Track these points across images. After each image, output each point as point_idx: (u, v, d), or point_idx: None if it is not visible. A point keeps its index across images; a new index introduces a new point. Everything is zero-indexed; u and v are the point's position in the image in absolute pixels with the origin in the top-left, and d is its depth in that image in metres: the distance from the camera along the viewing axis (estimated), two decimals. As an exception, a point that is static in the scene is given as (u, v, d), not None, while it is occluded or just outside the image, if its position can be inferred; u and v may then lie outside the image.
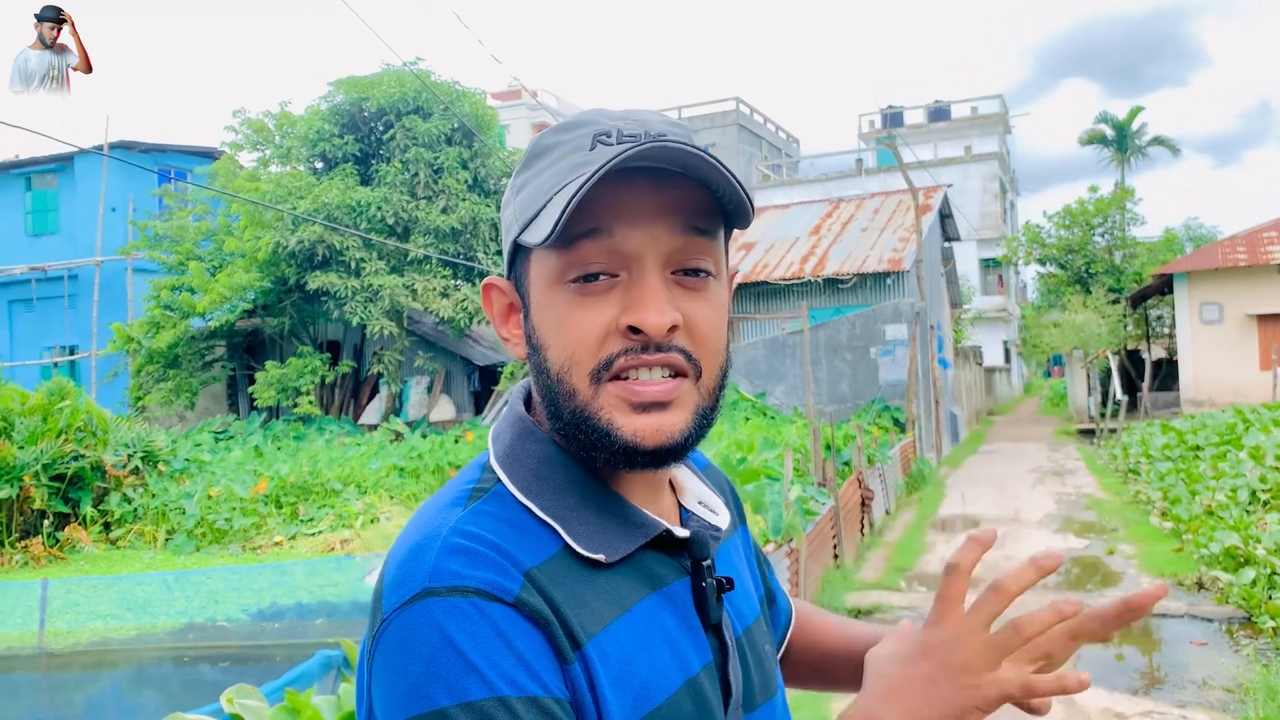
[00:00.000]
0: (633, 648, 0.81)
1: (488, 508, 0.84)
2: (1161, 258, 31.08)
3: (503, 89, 41.45)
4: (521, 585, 0.77)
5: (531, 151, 0.89)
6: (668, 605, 0.87)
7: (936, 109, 49.11)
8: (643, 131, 0.83)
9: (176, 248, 19.73)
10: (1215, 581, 8.39)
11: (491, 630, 0.74)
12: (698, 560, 0.90)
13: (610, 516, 0.86)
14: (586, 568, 0.83)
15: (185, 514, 13.66)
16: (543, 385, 0.87)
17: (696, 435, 0.85)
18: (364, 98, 19.02)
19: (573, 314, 0.83)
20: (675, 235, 0.83)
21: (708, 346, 0.85)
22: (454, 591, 0.75)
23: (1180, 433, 16.31)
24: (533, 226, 0.83)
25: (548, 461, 0.88)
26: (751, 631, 0.97)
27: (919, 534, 12.11)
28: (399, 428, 18.67)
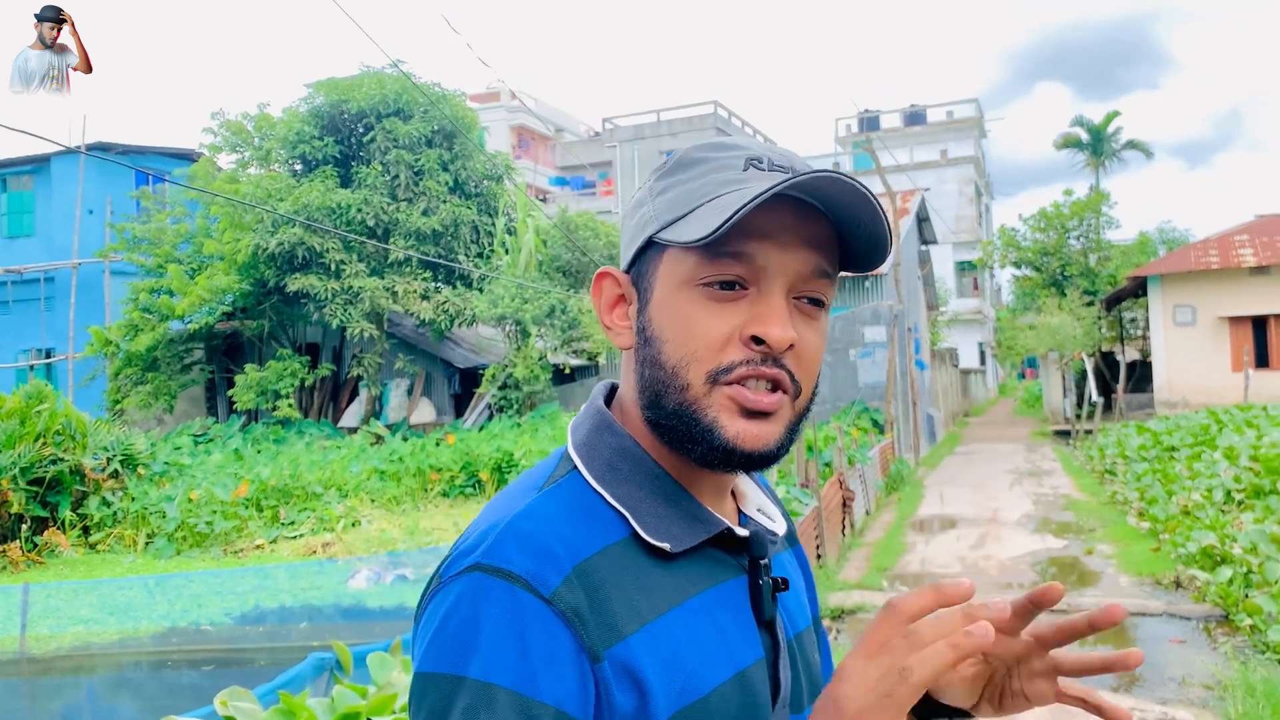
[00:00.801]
0: (684, 637, 0.86)
1: (561, 493, 0.90)
2: (1135, 260, 31.39)
3: (481, 91, 41.39)
4: (565, 579, 0.83)
5: (679, 162, 0.94)
6: (725, 600, 0.92)
7: (912, 113, 49.45)
8: (790, 166, 0.91)
9: (155, 250, 19.62)
10: (1193, 580, 8.52)
11: (513, 621, 0.80)
12: (755, 559, 0.95)
13: (677, 510, 0.92)
14: (650, 556, 0.89)
15: (165, 517, 13.59)
16: (650, 376, 0.92)
17: (786, 445, 0.92)
18: (344, 100, 18.99)
19: (700, 315, 0.89)
20: (809, 268, 0.90)
21: (809, 369, 0.92)
22: (499, 574, 0.82)
23: (1155, 434, 16.51)
24: (679, 226, 0.89)
25: (623, 453, 0.94)
26: (802, 638, 1.03)
27: (899, 534, 12.21)
28: (379, 431, 18.64)
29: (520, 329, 17.90)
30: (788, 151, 0.93)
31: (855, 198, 0.86)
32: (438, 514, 14.57)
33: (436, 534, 13.24)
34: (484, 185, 20.27)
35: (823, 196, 0.87)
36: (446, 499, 15.42)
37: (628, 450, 0.94)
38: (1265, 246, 24.48)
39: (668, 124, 35.84)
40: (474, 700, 0.78)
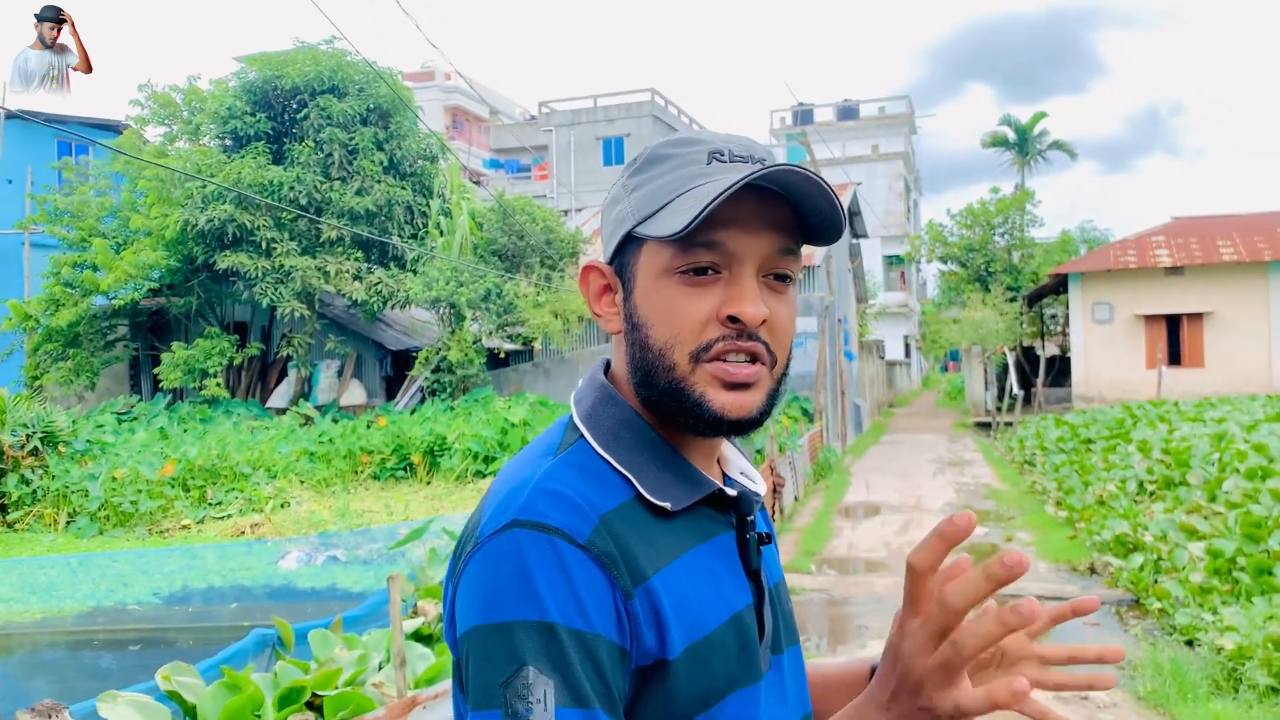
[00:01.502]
0: (688, 584, 0.97)
1: (573, 459, 1.01)
2: (1057, 258, 32.25)
3: (415, 69, 40.90)
4: (594, 529, 0.93)
5: (647, 159, 1.05)
6: (718, 552, 1.03)
7: (846, 108, 50.05)
8: (750, 155, 1.00)
9: (78, 223, 19.10)
10: (1106, 566, 8.88)
11: (559, 566, 0.90)
12: (742, 516, 1.07)
13: (675, 473, 1.03)
14: (653, 515, 0.99)
15: (88, 496, 13.33)
16: (640, 359, 1.02)
17: (768, 410, 1.03)
18: (277, 75, 18.66)
19: (680, 300, 0.98)
20: (773, 249, 1.00)
21: (782, 340, 1.02)
22: (537, 527, 0.91)
23: (1073, 427, 17.05)
24: (654, 221, 0.99)
25: (625, 423, 1.04)
26: (780, 587, 1.15)
27: (826, 520, 12.48)
28: (309, 412, 18.44)
29: (455, 312, 17.83)
30: (745, 140, 1.03)
31: (811, 186, 0.97)
32: (368, 496, 14.51)
33: (368, 516, 13.19)
34: (419, 165, 20.10)
35: (781, 182, 0.97)
36: (377, 481, 15.34)
37: (629, 420, 1.04)
38: (1180, 248, 25.35)
39: (604, 110, 35.80)
40: (541, 640, 0.88)
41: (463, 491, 14.17)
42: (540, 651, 0.88)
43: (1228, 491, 8.88)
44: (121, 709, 4.31)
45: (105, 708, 4.43)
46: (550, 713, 0.86)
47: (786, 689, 1.09)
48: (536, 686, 0.87)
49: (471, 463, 14.87)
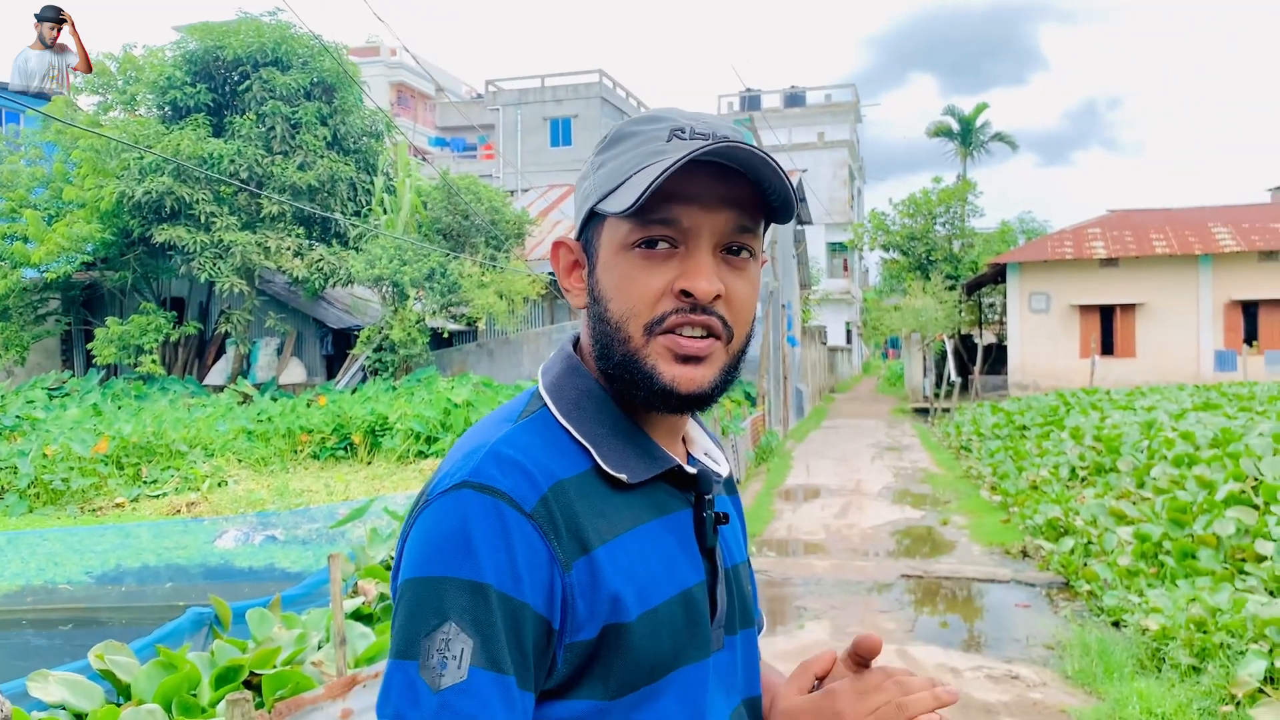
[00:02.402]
0: (638, 556, 0.99)
1: (534, 426, 1.03)
2: (996, 249, 32.79)
3: (360, 45, 40.30)
4: (542, 497, 0.95)
5: (613, 137, 1.06)
6: (673, 528, 1.05)
7: (792, 95, 50.29)
8: (712, 132, 1.02)
9: (8, 194, 18.56)
10: (1038, 550, 9.09)
11: (501, 530, 0.92)
12: (701, 494, 1.09)
13: (634, 447, 1.05)
14: (609, 486, 1.02)
15: (17, 473, 13.01)
16: (599, 331, 1.04)
17: (721, 388, 1.05)
18: (219, 45, 18.26)
19: (636, 274, 1.01)
20: (729, 226, 1.02)
21: (740, 315, 1.04)
22: (485, 490, 0.93)
23: (1009, 413, 17.38)
24: (613, 198, 1.01)
25: (588, 394, 1.06)
26: (738, 569, 1.16)
27: (768, 503, 12.61)
28: (247, 390, 18.16)
29: (398, 291, 17.65)
30: (711, 118, 1.05)
31: (758, 161, 0.99)
32: (308, 476, 14.34)
33: (307, 496, 13.04)
34: (363, 142, 19.82)
35: (737, 159, 0.99)
36: (317, 461, 15.17)
37: (592, 392, 1.06)
38: (1115, 240, 25.91)
39: (552, 90, 35.57)
40: (470, 598, 0.90)
41: (404, 472, 14.06)
42: (466, 610, 0.90)
43: (1155, 478, 9.14)
44: (53, 688, 4.23)
45: (36, 687, 4.35)
46: (464, 670, 0.88)
47: (737, 670, 1.12)
48: (455, 643, 0.89)
49: (414, 443, 14.75)
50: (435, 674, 0.89)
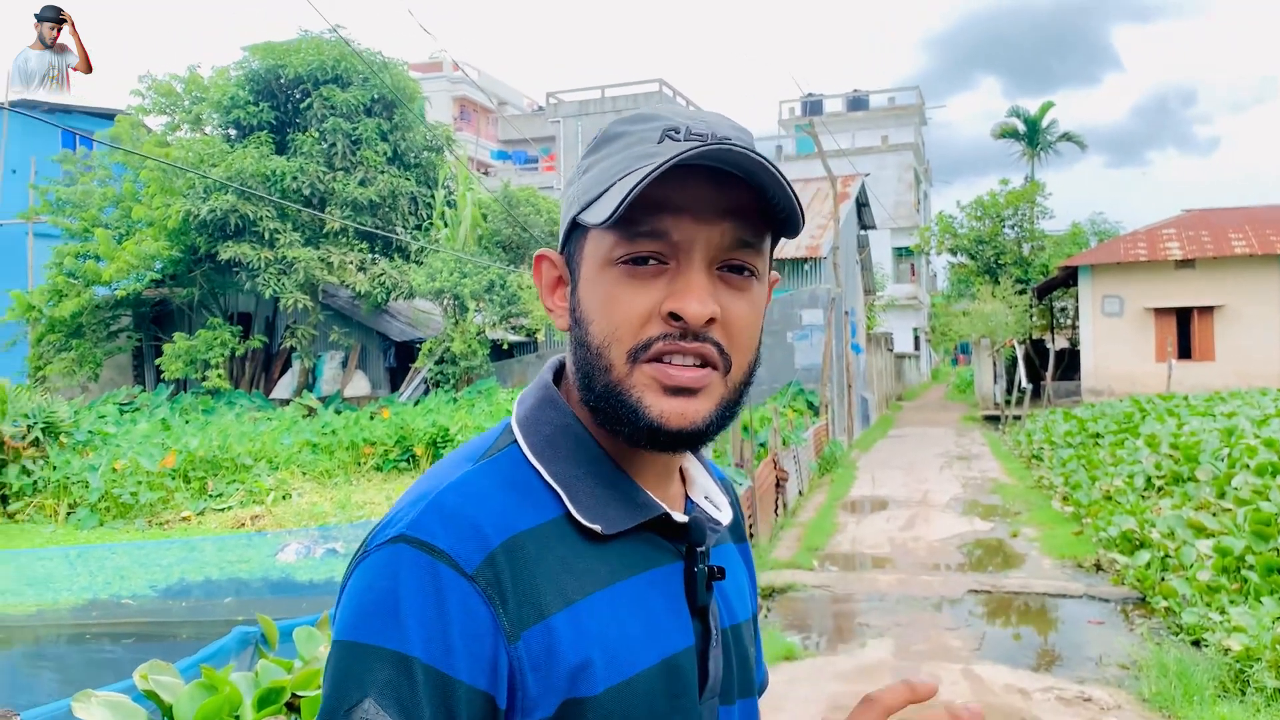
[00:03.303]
0: (610, 619, 0.85)
1: (497, 467, 0.89)
2: (1067, 251, 32.01)
3: (424, 61, 40.78)
4: (488, 556, 0.81)
5: (601, 137, 0.93)
6: (658, 585, 0.90)
7: (855, 98, 49.80)
8: (709, 133, 0.87)
9: (80, 214, 19.04)
10: (1112, 564, 8.74)
11: (435, 596, 0.79)
12: (693, 546, 0.93)
13: (615, 491, 0.90)
14: (582, 537, 0.87)
15: (88, 487, 13.27)
16: (581, 357, 0.90)
17: (718, 424, 0.89)
18: (281, 64, 18.56)
19: (620, 293, 0.87)
20: (726, 236, 0.87)
21: (740, 341, 0.89)
22: (422, 547, 0.81)
23: (1081, 421, 16.89)
24: (594, 207, 0.87)
25: (564, 430, 0.92)
26: (740, 629, 1.02)
27: (831, 514, 12.36)
28: (312, 403, 18.37)
29: (458, 303, 17.72)
30: (713, 116, 0.90)
31: (755, 165, 0.84)
32: (370, 488, 14.42)
33: (369, 508, 13.11)
34: (423, 156, 19.99)
35: (731, 162, 0.85)
36: (380, 473, 15.26)
37: (569, 428, 0.92)
38: (1191, 241, 25.12)
39: (612, 101, 35.61)
40: (393, 673, 0.78)
41: (464, 484, 14.07)
42: (388, 686, 0.77)
43: (1237, 488, 8.74)
44: (95, 709, 4.19)
45: (79, 707, 4.31)
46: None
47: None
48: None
49: (474, 455, 14.78)
50: None
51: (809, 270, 20.05)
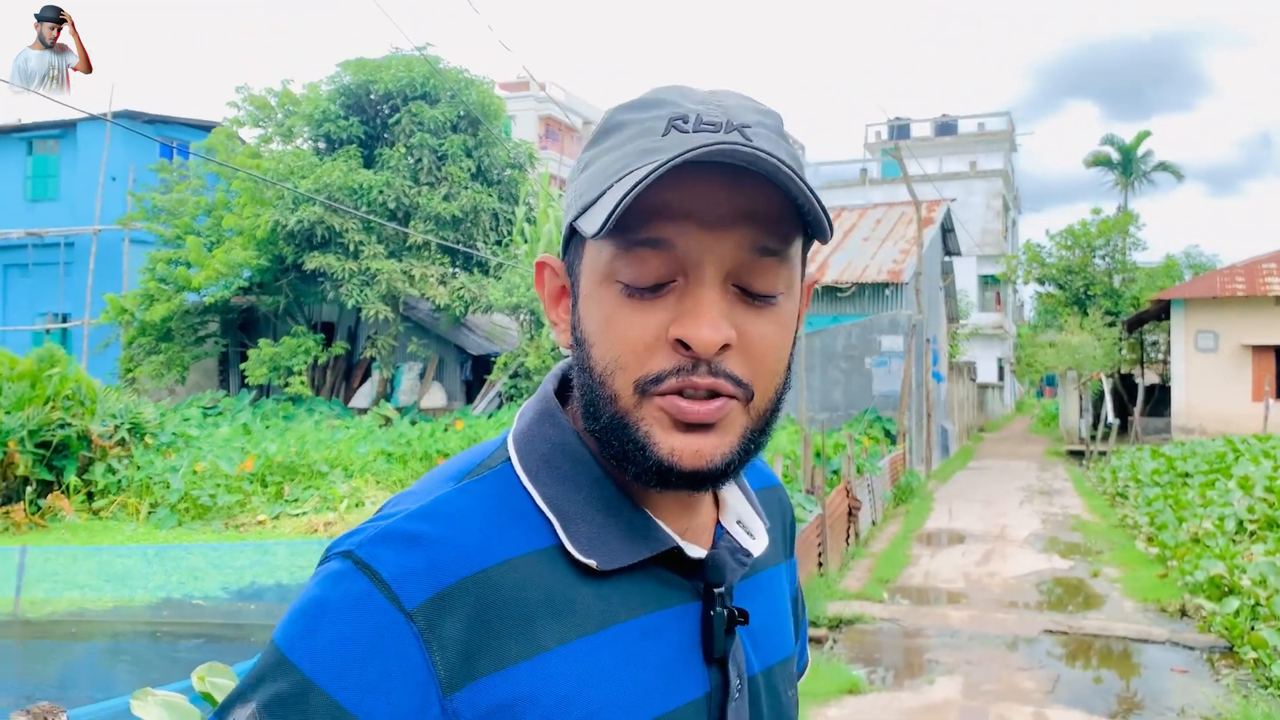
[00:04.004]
0: (593, 669, 0.75)
1: (484, 487, 0.79)
2: (1160, 283, 31.11)
3: (511, 79, 41.36)
4: (440, 593, 0.71)
5: (601, 128, 0.81)
6: (664, 629, 0.80)
7: (943, 123, 49.17)
8: (724, 120, 0.75)
9: (174, 221, 19.64)
10: (1198, 610, 8.36)
11: (361, 625, 0.70)
12: (711, 585, 0.82)
13: (618, 521, 0.80)
14: (575, 571, 0.77)
15: (169, 488, 13.58)
16: (584, 383, 0.80)
17: (741, 460, 0.78)
18: (371, 80, 18.95)
19: (621, 315, 0.76)
20: (743, 249, 0.75)
21: (763, 367, 0.77)
22: (366, 571, 0.72)
23: (1170, 459, 16.31)
24: (589, 213, 0.75)
25: (562, 448, 0.82)
26: (773, 672, 0.90)
27: (904, 546, 12.08)
28: (389, 413, 18.61)
29: (534, 319, 17.83)
30: (731, 99, 0.78)
31: (770, 166, 0.71)
32: (441, 499, 14.52)
33: (438, 520, 13.19)
34: (506, 173, 20.21)
35: (744, 161, 0.72)
36: (452, 485, 15.38)
37: (568, 446, 0.81)
38: (1293, 276, 24.18)
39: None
40: (290, 690, 0.69)
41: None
42: (276, 702, 0.69)
43: (1336, 536, 8.30)
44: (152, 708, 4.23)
45: (138, 705, 4.35)
46: None
47: None
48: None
49: (544, 470, 14.83)
50: None
51: (890, 295, 19.73)
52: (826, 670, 6.68)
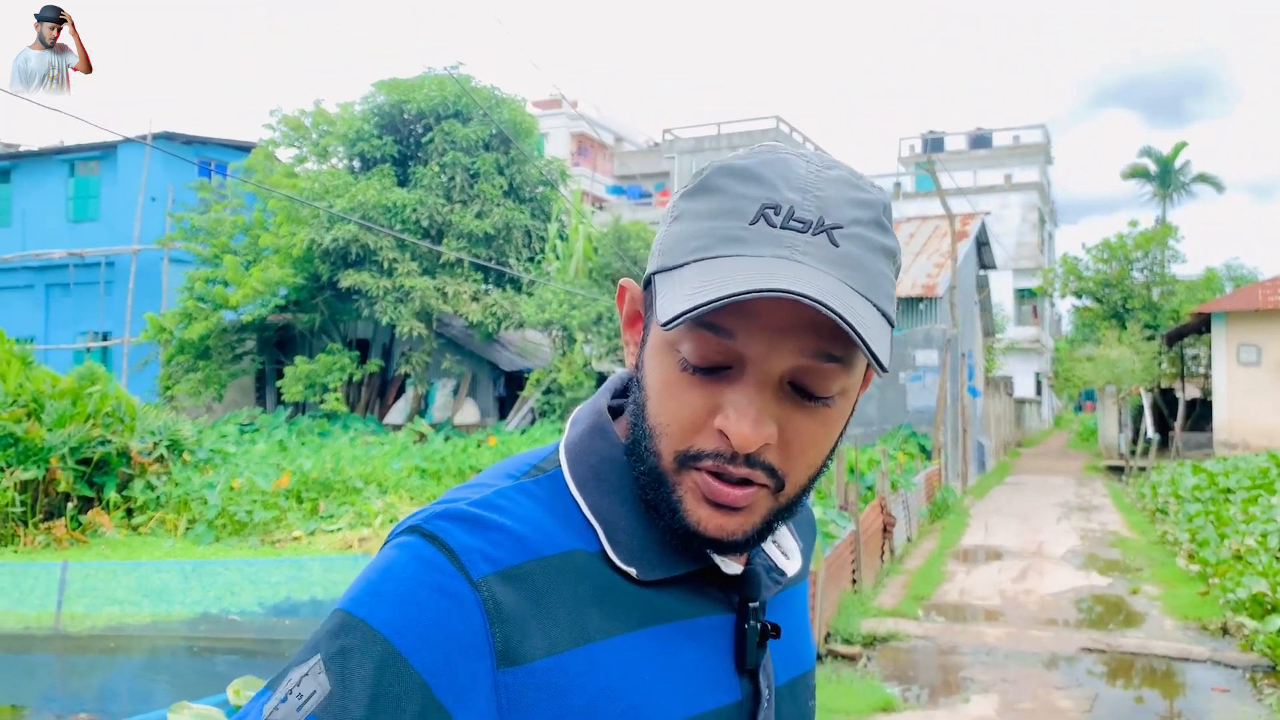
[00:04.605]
0: (632, 666, 0.78)
1: (537, 490, 0.83)
2: (1200, 296, 30.70)
3: (544, 97, 41.62)
4: (502, 571, 0.75)
5: (701, 182, 0.81)
6: (699, 637, 0.83)
7: (978, 136, 48.88)
8: (816, 219, 0.75)
9: (212, 240, 19.92)
10: (1240, 628, 8.22)
11: (428, 588, 0.73)
12: (746, 600, 0.85)
13: (659, 534, 0.82)
14: (617, 577, 0.81)
15: (207, 504, 13.72)
16: (636, 423, 0.83)
17: (760, 536, 0.81)
18: (405, 100, 19.14)
19: (675, 386, 0.78)
20: (805, 355, 0.75)
21: (801, 461, 0.79)
22: (432, 540, 0.76)
23: (1211, 474, 16.06)
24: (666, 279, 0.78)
25: (610, 462, 0.85)
26: (796, 684, 0.94)
27: (939, 563, 11.97)
28: (423, 429, 18.71)
29: (566, 335, 17.89)
30: (832, 190, 0.78)
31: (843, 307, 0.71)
32: (475, 515, 14.57)
33: (472, 535, 13.23)
34: (538, 190, 20.33)
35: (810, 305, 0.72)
36: (484, 501, 15.43)
37: (616, 461, 0.84)
38: (1337, 288, 23.78)
39: (728, 138, 35.67)
40: (351, 640, 0.72)
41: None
42: (340, 653, 0.71)
43: (1383, 553, 8.13)
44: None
45: (175, 718, 4.41)
46: (300, 715, 0.70)
47: None
48: (309, 682, 0.71)
49: (577, 486, 14.85)
50: (272, 711, 0.71)
51: (924, 309, 19.60)
52: (860, 688, 6.63)
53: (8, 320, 20.25)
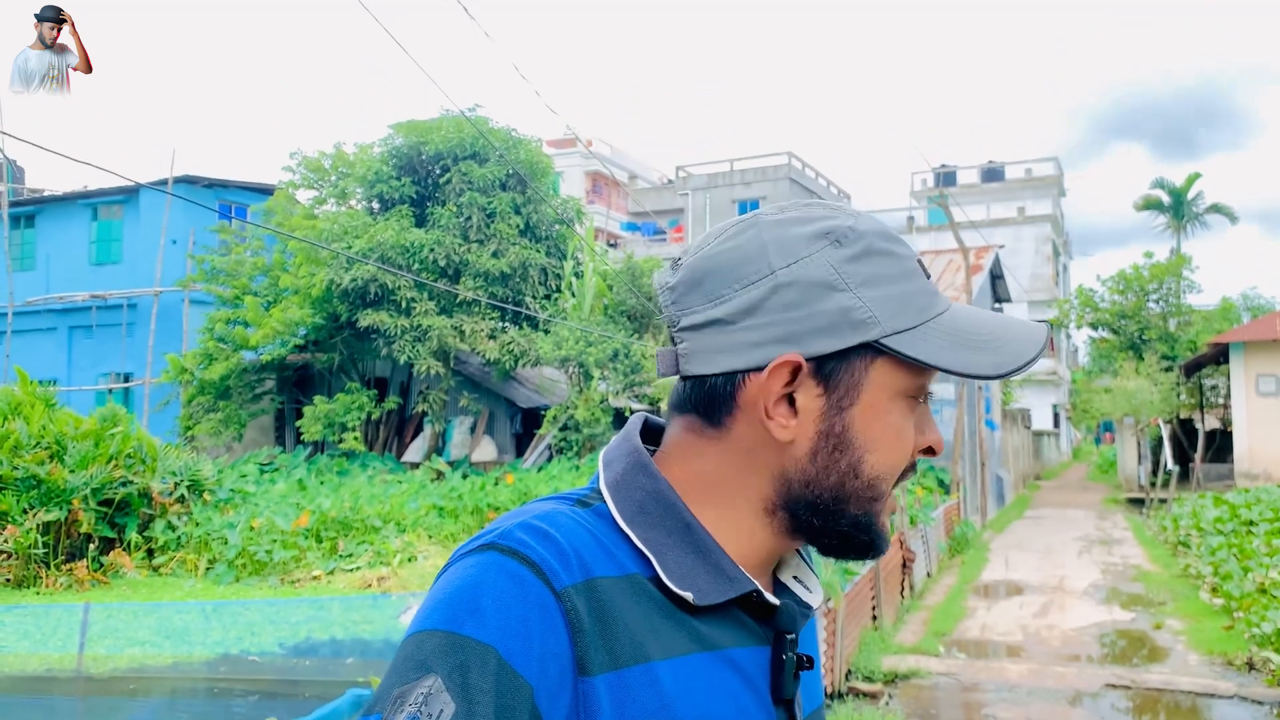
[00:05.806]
0: (687, 688, 0.81)
1: (588, 518, 0.87)
2: (1217, 326, 30.56)
3: (558, 137, 41.98)
4: (576, 584, 0.79)
5: (867, 248, 0.89)
6: (740, 666, 0.87)
7: (990, 169, 48.98)
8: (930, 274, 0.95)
9: (232, 282, 20.12)
10: (1267, 663, 8.15)
11: (519, 597, 0.76)
12: (782, 632, 0.90)
13: (705, 562, 0.87)
14: (670, 602, 0.85)
15: (227, 544, 13.77)
16: (834, 484, 0.89)
17: None
18: (422, 141, 19.37)
19: (905, 426, 0.90)
20: None
21: None
22: (512, 554, 0.79)
23: (1234, 506, 15.93)
24: (914, 340, 0.88)
25: (655, 496, 0.89)
26: (813, 718, 0.98)
27: (960, 598, 11.90)
28: (441, 467, 18.75)
29: (583, 371, 17.95)
30: None
31: None
32: (493, 553, 14.56)
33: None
34: (554, 229, 20.48)
35: None
36: (502, 539, 15.41)
37: (662, 495, 0.89)
38: (1355, 317, 23.66)
39: (740, 173, 35.91)
40: (466, 656, 0.74)
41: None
42: (458, 670, 0.73)
43: None
44: (213, 765, 4.32)
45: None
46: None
47: None
48: (435, 701, 0.72)
49: (595, 523, 14.82)
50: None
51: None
52: None
53: (31, 362, 20.46)
